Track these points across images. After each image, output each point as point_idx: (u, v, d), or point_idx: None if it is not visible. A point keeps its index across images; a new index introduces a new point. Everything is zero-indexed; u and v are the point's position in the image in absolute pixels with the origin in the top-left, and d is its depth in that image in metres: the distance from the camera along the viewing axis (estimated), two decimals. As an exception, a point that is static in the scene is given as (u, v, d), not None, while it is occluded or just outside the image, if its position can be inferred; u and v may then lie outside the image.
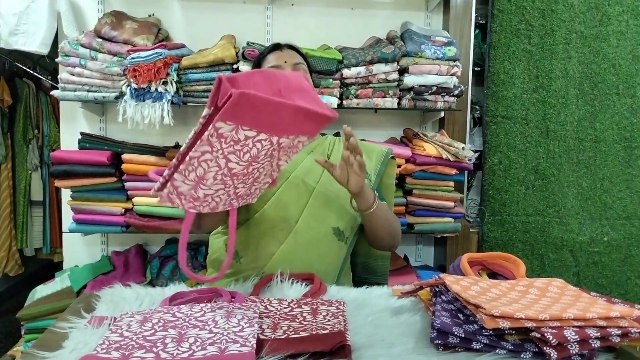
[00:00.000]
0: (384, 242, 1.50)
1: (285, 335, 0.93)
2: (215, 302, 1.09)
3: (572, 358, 0.84)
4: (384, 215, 1.45)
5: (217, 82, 0.94)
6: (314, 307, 1.07)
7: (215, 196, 1.05)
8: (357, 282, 1.55)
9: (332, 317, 1.01)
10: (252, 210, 1.43)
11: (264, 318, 1.01)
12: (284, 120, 0.97)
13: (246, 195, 1.13)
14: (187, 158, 0.96)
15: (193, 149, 0.95)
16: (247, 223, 1.44)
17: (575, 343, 0.82)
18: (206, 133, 0.93)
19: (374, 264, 1.63)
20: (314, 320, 1.00)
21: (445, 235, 2.43)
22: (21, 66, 3.25)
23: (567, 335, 0.82)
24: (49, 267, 3.72)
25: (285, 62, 1.51)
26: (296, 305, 1.08)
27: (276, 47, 1.58)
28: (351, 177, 1.30)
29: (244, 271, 1.44)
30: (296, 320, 1.00)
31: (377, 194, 1.42)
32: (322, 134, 1.69)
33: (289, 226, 1.42)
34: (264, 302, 1.10)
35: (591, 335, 0.83)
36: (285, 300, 1.11)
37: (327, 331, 0.93)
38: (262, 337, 0.91)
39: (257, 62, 1.59)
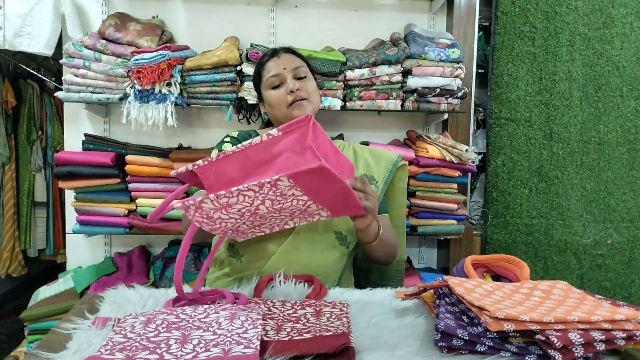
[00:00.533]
0: (380, 261, 1.48)
1: (289, 337, 0.93)
2: (218, 303, 1.09)
3: (577, 361, 0.83)
4: (384, 242, 1.40)
5: (303, 124, 1.02)
6: (318, 308, 1.07)
7: (224, 222, 1.05)
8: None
9: (336, 319, 1.00)
10: None
11: (267, 320, 1.01)
12: (328, 194, 1.01)
13: (242, 232, 1.15)
14: (235, 189, 0.95)
15: (245, 185, 0.95)
16: None
17: (580, 346, 0.82)
18: (266, 180, 0.93)
19: (390, 269, 1.62)
20: (318, 322, 0.99)
21: (448, 237, 2.43)
22: (25, 67, 3.25)
23: (571, 338, 0.82)
24: (52, 268, 3.72)
25: (285, 68, 1.49)
26: (299, 307, 1.08)
27: (274, 53, 1.55)
28: (369, 205, 1.19)
29: (245, 270, 1.43)
30: (300, 321, 1.00)
31: (380, 226, 1.36)
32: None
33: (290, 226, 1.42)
34: (268, 304, 1.10)
35: (596, 338, 0.83)
36: (289, 302, 1.11)
37: (330, 333, 0.93)
38: (265, 338, 0.91)
39: (257, 72, 1.57)
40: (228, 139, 1.51)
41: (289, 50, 1.58)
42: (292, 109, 1.46)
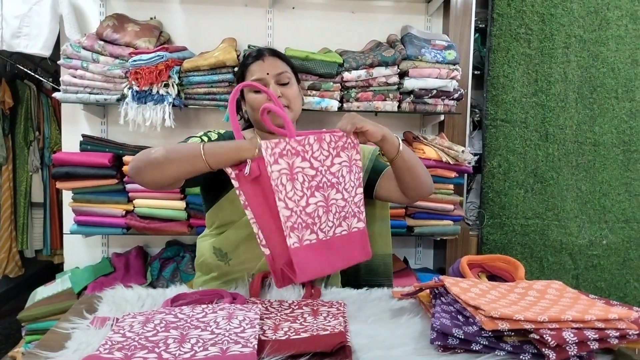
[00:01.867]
0: (422, 183, 1.43)
1: (286, 336, 0.94)
2: (216, 303, 1.10)
3: (570, 359, 0.84)
4: (412, 154, 1.41)
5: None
6: (315, 308, 1.08)
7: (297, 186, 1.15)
8: (361, 285, 1.54)
9: (333, 318, 1.01)
10: (241, 211, 1.42)
11: (264, 319, 1.02)
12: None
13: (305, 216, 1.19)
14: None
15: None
16: (235, 225, 1.44)
17: (574, 344, 0.83)
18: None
19: (376, 264, 1.63)
20: (315, 321, 1.00)
21: (444, 238, 2.44)
22: (22, 68, 3.25)
23: (565, 337, 0.83)
24: (49, 269, 3.72)
25: (268, 73, 1.48)
26: (297, 307, 1.09)
27: (258, 55, 1.53)
28: (368, 127, 1.28)
29: (233, 273, 1.44)
30: (297, 321, 1.01)
31: (400, 143, 1.38)
32: None
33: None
34: (265, 304, 1.11)
35: (589, 336, 0.84)
36: (286, 302, 1.12)
37: (327, 332, 0.94)
38: (263, 338, 0.92)
39: (241, 72, 1.56)
40: (215, 134, 1.50)
41: (275, 53, 1.56)
42: (271, 116, 1.47)
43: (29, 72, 3.28)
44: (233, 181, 1.15)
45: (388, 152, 1.35)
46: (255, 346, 0.84)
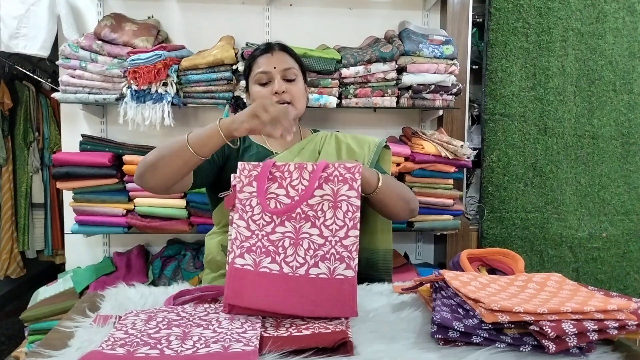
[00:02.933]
0: (399, 213, 1.41)
1: (288, 332, 0.94)
2: (218, 301, 1.11)
3: (570, 350, 0.85)
4: (393, 187, 1.37)
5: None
6: (317, 304, 1.08)
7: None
8: (361, 279, 1.55)
9: (334, 315, 1.02)
10: None
11: (267, 317, 1.02)
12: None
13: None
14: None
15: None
16: None
17: (573, 336, 0.84)
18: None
19: (377, 259, 1.63)
20: (317, 318, 1.01)
21: (445, 232, 2.44)
22: (21, 69, 3.26)
23: (565, 328, 0.83)
24: (50, 269, 3.73)
25: (275, 67, 1.49)
26: (299, 303, 1.09)
27: (267, 49, 1.54)
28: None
29: None
30: (299, 317, 1.02)
31: (378, 172, 1.33)
32: (315, 130, 1.68)
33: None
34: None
35: (589, 328, 0.85)
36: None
37: (329, 330, 0.94)
38: (265, 334, 0.92)
39: (249, 64, 1.57)
40: None
41: (284, 48, 1.57)
42: None
43: (28, 72, 3.28)
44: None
45: (365, 190, 1.28)
46: (257, 345, 0.85)
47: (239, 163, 1.10)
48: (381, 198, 1.32)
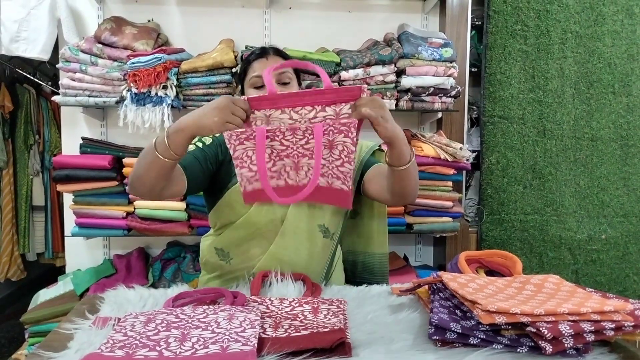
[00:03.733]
0: (410, 194, 1.38)
1: (287, 333, 0.95)
2: (217, 303, 1.11)
3: (567, 352, 0.86)
4: (416, 169, 1.35)
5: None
6: (315, 306, 1.09)
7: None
8: (357, 283, 1.56)
9: (333, 316, 1.02)
10: (238, 212, 1.44)
11: (265, 318, 1.02)
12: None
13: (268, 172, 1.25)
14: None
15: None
16: (235, 225, 1.45)
17: (570, 337, 0.84)
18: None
19: (373, 262, 1.64)
20: (315, 319, 1.01)
21: (444, 234, 2.45)
22: (22, 72, 3.27)
23: (562, 330, 0.84)
24: (51, 272, 3.73)
25: None
26: (297, 305, 1.10)
27: (262, 53, 1.55)
28: (381, 126, 1.16)
29: (234, 272, 1.46)
30: (297, 319, 1.02)
31: (413, 150, 1.31)
32: None
33: (275, 227, 1.44)
34: (266, 302, 1.11)
35: (585, 329, 0.85)
36: (286, 300, 1.13)
37: (327, 329, 0.95)
38: (263, 335, 0.93)
39: (244, 69, 1.57)
40: (209, 137, 1.50)
41: (278, 53, 1.57)
42: None
43: (28, 75, 3.30)
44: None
45: (392, 159, 1.26)
46: (255, 345, 0.85)
47: (224, 133, 1.16)
48: (406, 175, 1.29)
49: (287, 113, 1.16)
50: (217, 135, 1.52)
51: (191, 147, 1.45)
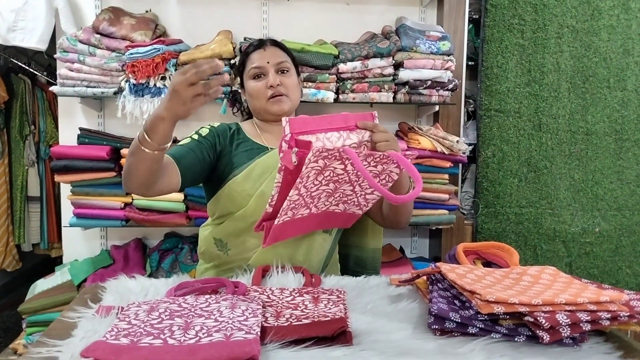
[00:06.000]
0: (401, 222, 1.46)
1: (288, 322, 0.96)
2: (219, 292, 1.12)
3: (564, 341, 0.87)
4: (412, 202, 1.43)
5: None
6: (315, 295, 1.10)
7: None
8: (350, 276, 1.56)
9: (333, 305, 1.04)
10: (238, 204, 1.44)
11: (266, 307, 1.04)
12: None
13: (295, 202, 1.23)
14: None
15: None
16: (234, 216, 1.45)
17: (567, 326, 0.86)
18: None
19: (366, 256, 1.65)
20: (316, 308, 1.02)
21: (440, 227, 2.47)
22: (16, 62, 3.25)
23: (559, 319, 0.85)
24: (46, 262, 3.73)
25: (268, 62, 1.51)
26: (298, 294, 1.11)
27: (260, 44, 1.56)
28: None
29: (231, 262, 1.47)
30: (298, 308, 1.03)
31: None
32: None
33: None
34: (267, 292, 1.13)
35: (582, 318, 0.87)
36: (287, 290, 1.14)
37: (328, 318, 0.96)
38: (265, 325, 0.94)
39: (242, 61, 1.58)
40: (206, 128, 1.51)
41: (276, 43, 1.59)
42: (270, 103, 1.50)
43: (23, 65, 3.28)
44: (283, 144, 1.19)
45: (392, 190, 1.29)
46: (259, 333, 0.86)
47: (315, 148, 1.09)
48: (403, 206, 1.41)
49: (344, 164, 1.16)
50: (215, 125, 1.54)
51: (186, 140, 1.45)
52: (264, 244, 1.23)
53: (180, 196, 2.21)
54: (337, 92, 2.26)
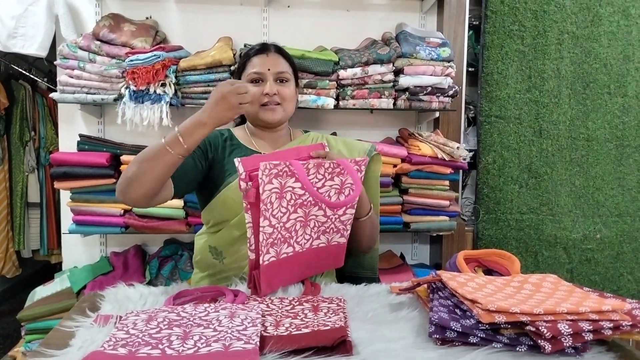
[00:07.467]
0: (361, 246, 1.53)
1: (288, 332, 0.95)
2: (218, 301, 1.12)
3: (566, 350, 0.87)
4: (373, 225, 1.50)
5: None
6: (315, 304, 1.10)
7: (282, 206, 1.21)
8: (348, 277, 1.55)
9: (333, 314, 1.03)
10: (234, 211, 1.43)
11: (266, 316, 1.03)
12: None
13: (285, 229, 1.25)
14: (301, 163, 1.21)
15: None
16: (229, 224, 1.44)
17: (569, 336, 0.85)
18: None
19: (363, 257, 1.64)
20: (315, 317, 1.02)
21: (440, 233, 2.46)
22: (17, 68, 3.25)
23: (560, 329, 0.85)
24: (46, 269, 3.72)
25: (269, 69, 1.50)
26: (297, 303, 1.11)
27: (263, 49, 1.56)
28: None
29: (227, 271, 1.46)
30: (298, 317, 1.03)
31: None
32: (305, 131, 1.69)
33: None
34: (266, 301, 1.12)
35: (584, 328, 0.86)
36: (287, 299, 1.14)
37: (328, 327, 0.96)
38: (264, 334, 0.93)
39: (243, 63, 1.57)
40: None
41: (279, 51, 1.58)
42: (262, 110, 1.50)
43: (24, 72, 3.28)
44: (242, 183, 1.18)
45: (358, 211, 1.40)
46: (258, 343, 0.86)
47: (261, 164, 1.13)
48: (362, 226, 1.46)
49: (299, 181, 1.20)
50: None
51: None
52: (260, 293, 1.18)
53: (180, 203, 2.21)
54: (337, 99, 2.26)
